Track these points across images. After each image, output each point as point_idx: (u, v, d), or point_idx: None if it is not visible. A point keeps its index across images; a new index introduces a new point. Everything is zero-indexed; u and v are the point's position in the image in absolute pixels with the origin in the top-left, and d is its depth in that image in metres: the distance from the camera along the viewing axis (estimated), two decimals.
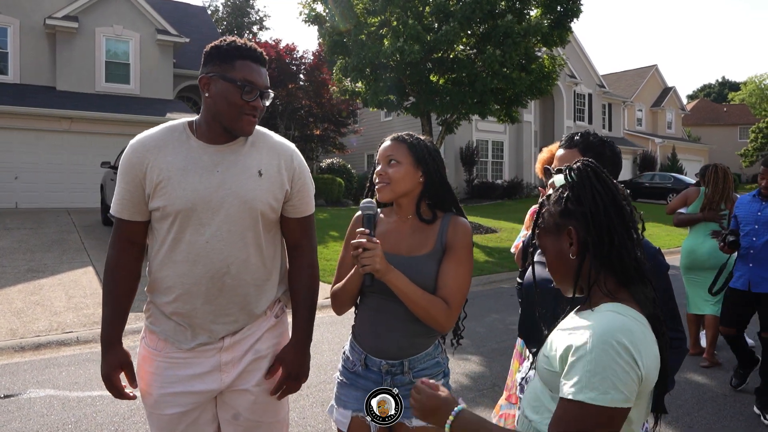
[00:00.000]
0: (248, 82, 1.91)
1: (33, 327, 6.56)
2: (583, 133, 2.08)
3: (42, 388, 4.78)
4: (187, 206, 1.94)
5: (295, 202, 2.12)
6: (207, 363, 2.04)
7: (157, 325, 2.07)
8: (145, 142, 2.01)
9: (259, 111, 1.96)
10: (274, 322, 2.18)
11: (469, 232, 2.07)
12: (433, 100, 14.68)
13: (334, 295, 2.13)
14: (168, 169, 1.96)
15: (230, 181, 1.97)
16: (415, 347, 2.04)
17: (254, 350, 2.10)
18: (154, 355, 2.06)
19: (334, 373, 2.28)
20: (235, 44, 1.96)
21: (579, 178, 1.41)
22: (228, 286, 2.00)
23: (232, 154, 2.00)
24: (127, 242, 2.06)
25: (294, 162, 2.11)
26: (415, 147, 2.07)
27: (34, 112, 16.07)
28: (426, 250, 2.03)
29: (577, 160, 1.47)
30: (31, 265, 9.35)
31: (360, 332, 2.13)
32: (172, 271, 1.99)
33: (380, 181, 2.07)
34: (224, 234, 1.97)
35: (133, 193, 2.00)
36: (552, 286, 1.95)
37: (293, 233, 2.18)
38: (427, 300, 1.94)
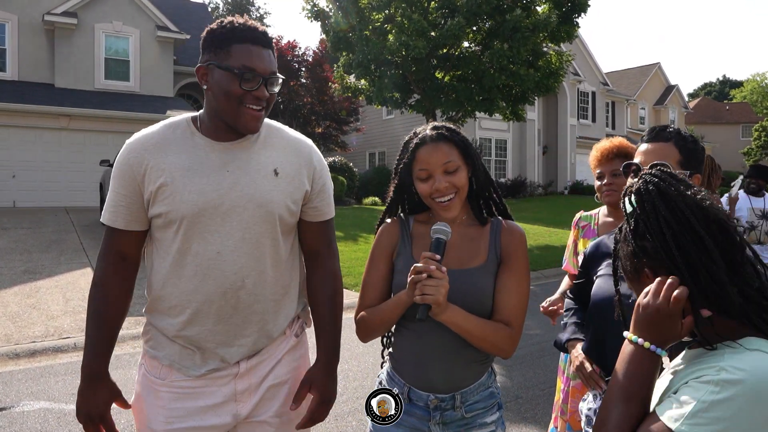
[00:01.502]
0: (247, 69, 1.65)
1: (28, 332, 6.28)
2: (674, 127, 1.80)
3: (36, 400, 4.50)
4: (193, 211, 1.67)
5: (317, 204, 1.88)
6: (220, 392, 1.77)
7: (159, 349, 1.78)
8: (144, 141, 1.73)
9: (264, 101, 1.71)
10: (295, 342, 1.92)
11: (525, 239, 1.79)
12: (439, 97, 14.43)
13: (364, 322, 1.81)
14: (171, 170, 1.68)
15: (243, 182, 1.72)
16: (468, 377, 1.75)
17: (273, 375, 1.84)
18: (158, 385, 1.77)
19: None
20: (231, 25, 1.69)
21: (641, 203, 1.12)
22: (243, 302, 1.74)
23: (243, 152, 1.75)
24: (118, 256, 1.77)
25: (314, 160, 1.88)
26: (463, 143, 1.76)
27: (33, 109, 15.81)
28: (478, 262, 1.74)
29: (641, 174, 1.18)
30: (27, 266, 9.08)
31: (401, 361, 1.82)
32: (178, 288, 1.72)
33: (445, 194, 1.72)
34: (238, 242, 1.71)
35: (130, 198, 1.72)
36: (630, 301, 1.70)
37: (313, 239, 1.92)
38: (490, 330, 1.66)
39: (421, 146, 1.75)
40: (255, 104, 1.68)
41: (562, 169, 28.73)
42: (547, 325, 6.94)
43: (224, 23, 1.71)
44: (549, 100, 28.56)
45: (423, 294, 1.54)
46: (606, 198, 2.77)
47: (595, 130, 30.80)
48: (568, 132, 28.69)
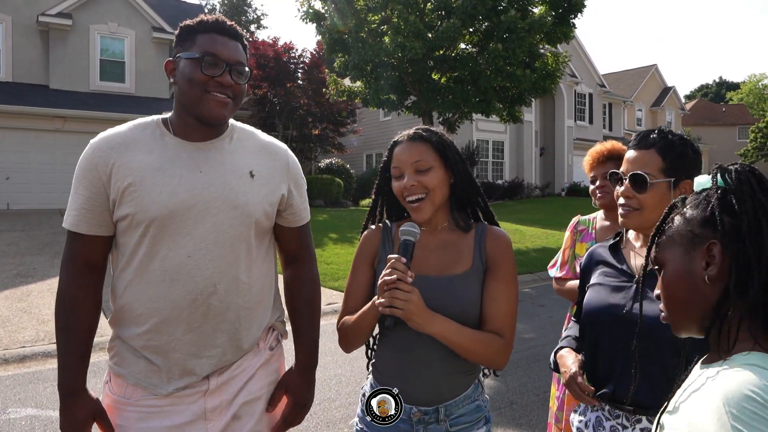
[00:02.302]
0: (209, 53, 1.61)
1: (18, 337, 6.21)
2: (660, 130, 1.74)
3: (23, 407, 4.43)
4: (163, 213, 1.59)
5: (295, 210, 1.85)
6: (189, 411, 1.67)
7: (124, 366, 1.68)
8: (110, 140, 1.65)
9: (230, 90, 1.64)
10: (269, 355, 1.84)
11: (510, 245, 1.73)
12: (435, 98, 14.38)
13: (343, 330, 1.76)
14: (139, 170, 1.61)
15: (217, 183, 1.65)
16: (453, 389, 1.68)
17: (246, 391, 1.75)
18: (122, 405, 1.67)
19: (349, 420, 1.94)
20: (199, 19, 1.67)
21: (738, 182, 1.04)
22: (214, 310, 1.65)
23: (216, 153, 1.69)
24: (84, 264, 1.66)
25: (289, 163, 1.84)
26: (441, 144, 1.71)
27: (27, 111, 15.72)
28: (462, 269, 1.68)
29: (732, 162, 1.10)
30: (20, 270, 9.00)
31: (383, 372, 1.75)
32: (144, 294, 1.62)
33: (414, 195, 1.67)
34: (211, 246, 1.63)
35: (94, 200, 1.62)
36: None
37: (291, 244, 1.90)
38: (481, 342, 1.60)
39: (397, 145, 1.75)
40: (219, 91, 1.62)
41: (559, 171, 28.70)
42: (543, 329, 6.90)
43: (194, 19, 1.68)
44: (546, 102, 28.54)
45: (391, 306, 1.49)
46: (599, 201, 2.76)
47: (592, 132, 30.78)
48: (566, 134, 28.66)
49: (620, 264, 1.77)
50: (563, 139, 28.65)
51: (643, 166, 1.68)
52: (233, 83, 1.64)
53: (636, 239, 1.81)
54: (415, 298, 1.50)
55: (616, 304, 1.69)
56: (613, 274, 1.77)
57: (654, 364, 1.60)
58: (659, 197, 1.66)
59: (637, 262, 1.75)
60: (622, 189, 1.72)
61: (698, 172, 1.72)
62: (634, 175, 1.68)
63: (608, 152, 2.72)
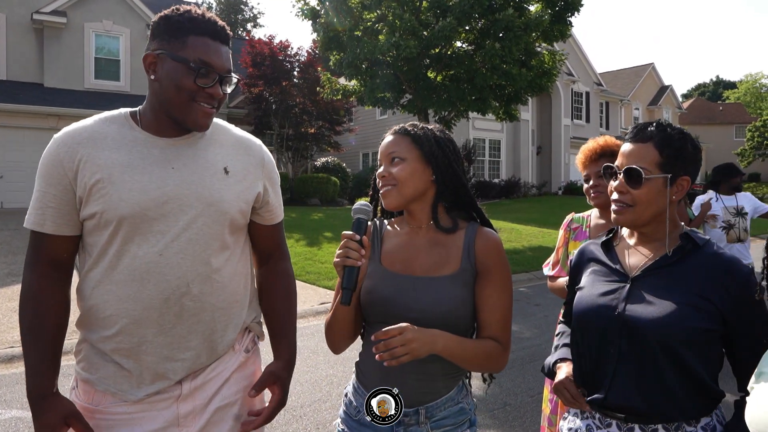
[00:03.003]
0: (204, 64, 1.54)
1: (7, 337, 6.13)
2: (658, 123, 1.64)
3: (8, 409, 4.35)
4: (134, 211, 1.52)
5: (271, 207, 1.81)
6: (161, 417, 1.59)
7: (92, 371, 1.60)
8: (75, 135, 1.57)
9: (217, 100, 1.60)
10: (245, 357, 1.77)
11: (501, 247, 1.67)
12: (431, 97, 14.31)
13: (326, 327, 1.72)
14: (108, 166, 1.53)
15: (190, 179, 1.59)
16: (434, 392, 1.63)
17: (220, 396, 1.68)
18: (90, 412, 1.59)
19: (335, 420, 1.88)
20: (189, 15, 1.56)
21: None
22: (188, 310, 1.58)
23: (188, 149, 1.63)
24: (49, 265, 1.59)
25: (265, 159, 1.79)
26: (420, 138, 1.67)
27: (21, 109, 15.64)
28: (449, 270, 1.63)
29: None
30: (11, 269, 8.92)
31: (365, 372, 1.70)
32: (113, 294, 1.55)
33: (384, 184, 1.68)
34: (183, 244, 1.57)
35: (60, 198, 1.55)
36: (617, 313, 1.57)
37: (266, 242, 1.85)
38: (483, 353, 1.58)
39: (383, 141, 1.74)
40: (208, 102, 1.57)
41: (556, 170, 28.67)
42: (537, 329, 6.84)
43: (181, 11, 1.57)
44: (543, 101, 28.51)
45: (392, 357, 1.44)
46: (594, 201, 2.69)
47: (589, 131, 30.74)
48: (562, 132, 28.63)
49: (613, 263, 1.69)
50: (560, 138, 28.62)
51: (638, 160, 1.59)
52: (221, 94, 1.60)
53: (630, 236, 1.73)
54: (410, 334, 1.44)
55: (607, 306, 1.61)
56: (605, 273, 1.70)
57: (647, 369, 1.53)
58: (654, 193, 1.58)
59: (631, 260, 1.67)
60: (615, 184, 1.64)
61: (698, 169, 1.65)
62: (629, 169, 1.59)
63: (601, 149, 2.64)
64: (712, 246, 1.59)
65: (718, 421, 1.57)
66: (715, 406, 1.56)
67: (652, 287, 1.58)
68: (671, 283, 1.56)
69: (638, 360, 1.55)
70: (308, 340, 6.25)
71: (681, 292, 1.53)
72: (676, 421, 1.52)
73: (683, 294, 1.53)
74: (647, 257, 1.64)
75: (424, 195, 1.68)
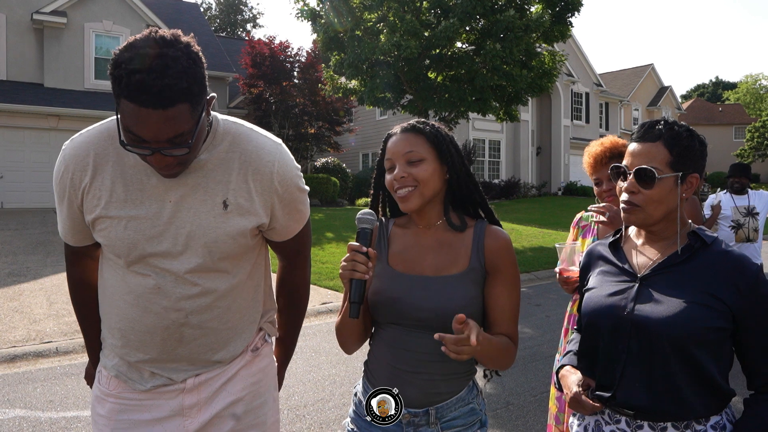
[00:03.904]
0: (132, 135, 1.33)
1: (9, 336, 6.13)
2: (665, 122, 1.63)
3: (12, 408, 4.36)
4: (129, 249, 1.52)
5: (279, 229, 1.69)
6: (167, 406, 1.65)
7: (110, 357, 1.69)
8: (80, 157, 1.53)
9: (166, 164, 1.39)
10: (251, 357, 1.76)
11: (511, 245, 1.66)
12: (432, 97, 14.32)
13: (336, 329, 1.72)
14: (107, 200, 1.52)
15: (184, 217, 1.52)
16: (444, 392, 1.62)
17: (225, 391, 1.70)
18: (105, 396, 1.69)
19: (343, 420, 1.89)
20: (120, 69, 1.27)
21: None
22: (189, 336, 1.60)
23: (190, 177, 1.52)
24: (86, 257, 1.72)
25: (274, 181, 1.60)
26: (436, 137, 1.63)
27: (21, 109, 15.63)
28: (458, 269, 1.62)
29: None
30: (12, 269, 8.92)
31: (375, 372, 1.70)
32: (121, 310, 1.61)
33: (403, 186, 1.61)
34: (178, 279, 1.54)
35: (73, 218, 1.61)
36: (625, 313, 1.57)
37: (283, 252, 1.82)
38: (502, 347, 1.57)
39: (390, 137, 1.68)
40: (158, 165, 1.40)
41: (555, 170, 28.67)
42: (540, 329, 6.84)
43: (119, 59, 1.28)
44: (542, 101, 28.51)
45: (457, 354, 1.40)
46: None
47: (588, 131, 30.75)
48: (562, 133, 28.63)
49: (621, 263, 1.69)
50: (560, 139, 28.62)
51: (649, 160, 1.58)
52: (168, 159, 1.38)
53: (637, 236, 1.73)
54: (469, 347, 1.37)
55: (616, 306, 1.61)
56: (613, 273, 1.69)
57: (657, 368, 1.53)
58: (666, 192, 1.57)
59: (639, 260, 1.67)
60: (625, 184, 1.62)
61: (704, 165, 1.64)
62: (641, 169, 1.58)
63: (610, 151, 2.62)
64: (721, 244, 1.59)
65: (728, 420, 1.57)
66: (725, 404, 1.56)
67: (662, 286, 1.57)
68: (680, 281, 1.56)
69: (648, 359, 1.54)
70: (310, 340, 6.25)
71: (690, 291, 1.53)
72: (686, 419, 1.52)
73: (693, 293, 1.52)
74: (655, 256, 1.64)
75: (438, 195, 1.67)
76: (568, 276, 2.46)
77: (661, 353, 1.52)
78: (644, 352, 1.55)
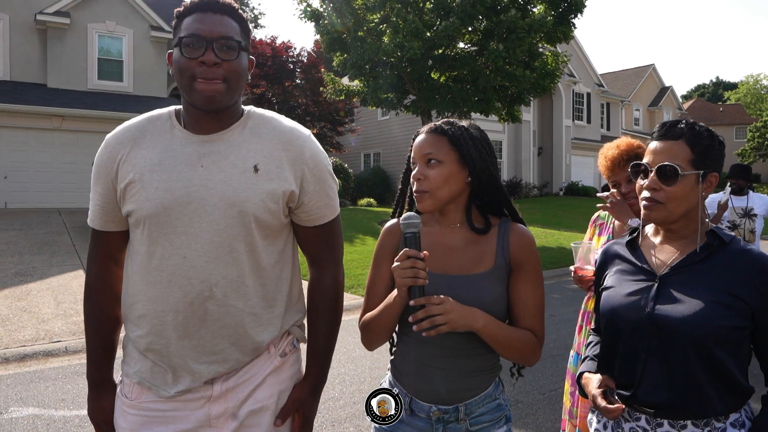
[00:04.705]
0: (189, 35, 1.50)
1: (18, 336, 6.17)
2: (687, 121, 1.67)
3: (25, 406, 4.39)
4: (158, 210, 1.52)
5: (310, 208, 1.66)
6: (193, 417, 1.60)
7: (132, 364, 1.64)
8: (120, 136, 1.62)
9: (218, 70, 1.51)
10: (280, 362, 1.70)
11: (534, 243, 1.70)
12: (434, 97, 14.36)
13: (365, 327, 1.73)
14: (141, 166, 1.56)
15: (216, 179, 1.54)
16: (473, 388, 1.65)
17: (253, 399, 1.64)
18: (127, 407, 1.63)
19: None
20: (187, 2, 1.57)
21: None
22: (212, 314, 1.55)
23: (222, 145, 1.58)
24: (106, 258, 1.68)
25: (305, 154, 1.64)
26: (458, 140, 1.65)
27: (24, 109, 15.63)
28: (484, 268, 1.64)
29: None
30: (18, 269, 8.95)
31: (402, 370, 1.72)
32: (144, 294, 1.57)
33: (419, 188, 1.65)
34: (206, 246, 1.53)
35: (105, 197, 1.62)
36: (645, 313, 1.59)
37: (311, 245, 1.73)
38: (521, 339, 1.60)
39: (417, 137, 1.72)
40: (204, 75, 1.50)
41: (557, 171, 28.70)
42: (550, 327, 6.86)
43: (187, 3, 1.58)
44: (544, 102, 28.55)
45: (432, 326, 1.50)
46: (632, 208, 2.63)
47: (590, 132, 30.80)
48: (564, 133, 28.67)
49: (640, 262, 1.71)
50: (561, 139, 28.66)
51: (672, 157, 1.61)
52: (218, 60, 1.50)
53: (655, 235, 1.75)
54: (449, 305, 1.49)
55: (636, 305, 1.63)
56: (631, 272, 1.71)
57: (677, 367, 1.55)
58: (687, 190, 1.60)
59: (657, 259, 1.68)
60: (647, 182, 1.64)
61: (722, 165, 1.68)
62: (663, 166, 1.60)
63: (626, 154, 2.61)
64: (739, 242, 1.62)
65: (747, 417, 1.59)
66: (744, 402, 1.58)
67: (681, 285, 1.59)
68: (700, 280, 1.58)
69: (668, 357, 1.56)
70: None
71: (710, 290, 1.55)
72: (706, 417, 1.54)
73: (712, 291, 1.54)
74: (674, 255, 1.66)
75: (459, 196, 1.69)
76: (583, 275, 2.50)
77: (681, 352, 1.54)
78: (664, 350, 1.57)
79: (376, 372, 5.19)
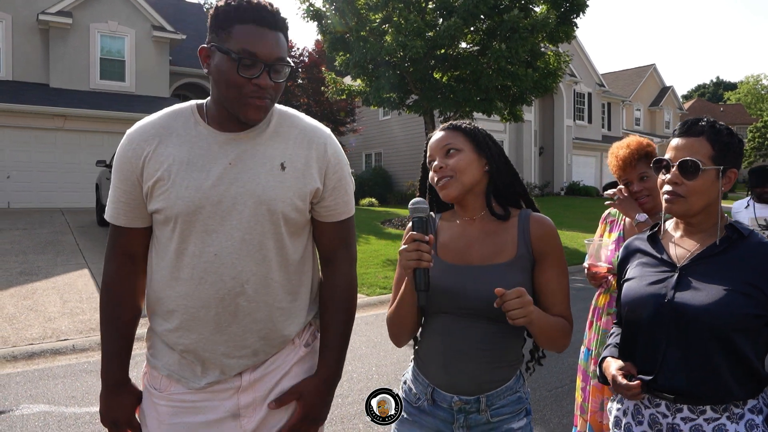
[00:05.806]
0: (247, 53, 1.47)
1: (26, 334, 6.19)
2: (707, 119, 1.73)
3: (36, 403, 4.42)
4: (189, 209, 1.54)
5: (330, 203, 1.70)
6: (222, 407, 1.62)
7: (159, 357, 1.66)
8: (143, 132, 1.61)
9: (269, 90, 1.53)
10: (304, 352, 1.72)
11: (555, 230, 1.73)
12: (436, 97, 14.38)
13: (389, 320, 1.77)
14: (169, 164, 1.56)
15: (245, 177, 1.57)
16: (495, 380, 1.68)
17: (280, 388, 1.67)
18: (156, 398, 1.64)
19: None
20: (238, 3, 1.50)
21: None
22: (243, 310, 1.58)
23: (249, 143, 1.60)
24: (125, 256, 1.66)
25: (328, 152, 1.68)
26: (473, 132, 1.75)
27: (27, 109, 15.68)
28: (506, 257, 1.67)
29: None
30: (23, 268, 8.97)
31: (425, 361, 1.75)
32: (175, 290, 1.58)
33: (442, 176, 1.69)
34: (237, 243, 1.56)
35: (130, 193, 1.60)
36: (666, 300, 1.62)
37: (327, 241, 1.75)
38: (560, 326, 1.64)
39: (431, 138, 1.78)
40: (257, 95, 1.51)
41: (558, 170, 28.73)
42: None
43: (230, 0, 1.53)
44: (545, 102, 28.57)
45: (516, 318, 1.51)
46: (643, 206, 2.66)
47: (591, 132, 30.83)
48: (565, 133, 28.70)
49: (660, 254, 1.76)
50: (562, 139, 28.69)
51: (693, 153, 1.66)
52: (272, 84, 1.53)
53: (675, 229, 1.80)
54: (527, 297, 1.50)
55: (657, 294, 1.67)
56: (653, 264, 1.76)
57: (697, 354, 1.59)
58: (708, 185, 1.65)
59: (677, 251, 1.73)
60: (668, 176, 1.70)
61: (741, 162, 1.72)
62: (685, 161, 1.66)
63: (637, 153, 2.63)
64: (757, 236, 1.66)
65: (765, 404, 1.63)
66: (761, 389, 1.62)
67: (701, 275, 1.64)
68: (719, 271, 1.62)
69: (688, 345, 1.60)
70: None
71: (729, 280, 1.59)
72: (725, 402, 1.58)
73: (732, 281, 1.59)
74: (694, 247, 1.71)
75: (478, 186, 1.73)
76: (596, 271, 2.53)
77: (701, 339, 1.59)
78: (684, 338, 1.61)
79: (383, 369, 5.22)
